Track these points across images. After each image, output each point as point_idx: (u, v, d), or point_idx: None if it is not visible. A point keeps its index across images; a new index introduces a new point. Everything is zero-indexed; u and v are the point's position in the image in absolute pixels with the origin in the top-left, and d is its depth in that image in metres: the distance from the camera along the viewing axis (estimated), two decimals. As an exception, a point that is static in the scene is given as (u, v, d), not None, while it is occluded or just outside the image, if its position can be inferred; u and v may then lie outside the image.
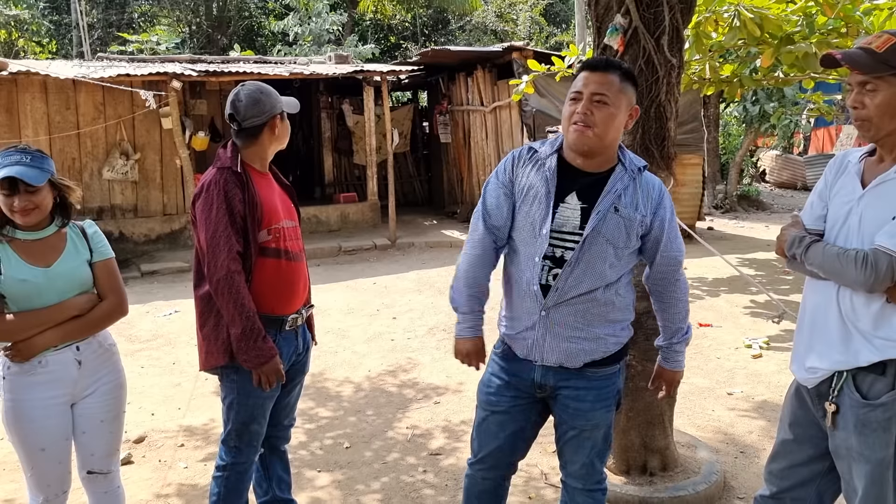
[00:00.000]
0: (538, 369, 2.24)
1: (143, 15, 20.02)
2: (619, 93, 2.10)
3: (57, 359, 2.34)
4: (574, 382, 2.22)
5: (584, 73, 2.14)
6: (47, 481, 2.40)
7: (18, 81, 8.99)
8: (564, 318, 2.16)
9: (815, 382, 1.98)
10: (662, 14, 2.80)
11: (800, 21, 4.70)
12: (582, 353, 2.19)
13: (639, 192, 2.16)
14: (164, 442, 3.97)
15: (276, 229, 2.49)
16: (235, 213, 2.37)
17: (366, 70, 10.62)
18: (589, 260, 2.13)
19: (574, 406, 2.23)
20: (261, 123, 2.49)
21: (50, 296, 2.32)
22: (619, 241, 2.14)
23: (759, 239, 10.42)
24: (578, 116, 2.09)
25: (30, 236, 2.33)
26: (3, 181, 2.22)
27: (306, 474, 3.52)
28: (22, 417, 2.32)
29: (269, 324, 2.46)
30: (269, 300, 2.48)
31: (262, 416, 2.57)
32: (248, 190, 2.41)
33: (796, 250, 1.98)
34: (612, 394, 2.28)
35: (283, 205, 2.58)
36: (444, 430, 4.01)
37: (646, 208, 2.16)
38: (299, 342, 2.61)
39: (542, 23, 23.78)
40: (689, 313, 2.39)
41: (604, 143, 2.13)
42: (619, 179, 2.16)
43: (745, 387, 4.58)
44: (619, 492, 3.14)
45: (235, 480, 2.60)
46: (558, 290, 2.15)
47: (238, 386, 2.49)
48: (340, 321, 6.41)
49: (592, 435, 2.27)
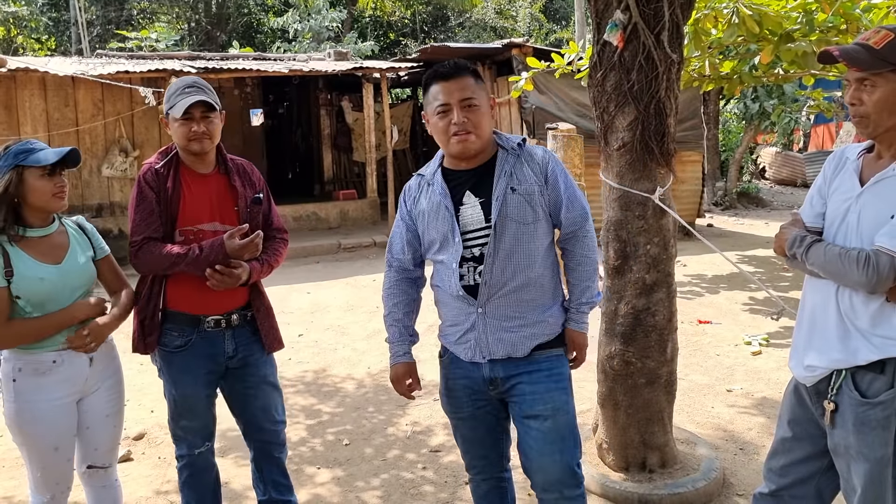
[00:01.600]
0: (486, 365, 2.25)
1: (142, 12, 19.98)
2: (478, 90, 2.17)
3: (71, 357, 2.35)
4: (524, 368, 2.21)
5: (439, 84, 2.16)
6: (56, 479, 2.41)
7: (17, 78, 8.97)
8: (501, 311, 2.18)
9: (813, 381, 1.98)
10: (662, 10, 2.79)
11: (799, 18, 4.69)
12: (526, 339, 2.19)
13: (525, 166, 2.19)
14: (163, 439, 3.97)
15: (189, 231, 2.50)
16: (146, 207, 2.46)
17: (365, 67, 10.60)
18: (506, 247, 2.16)
19: (530, 391, 2.20)
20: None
21: (63, 293, 2.33)
22: (527, 217, 2.16)
23: (758, 236, 10.43)
24: (456, 127, 2.12)
25: (38, 233, 2.34)
26: (45, 162, 2.26)
27: (306, 471, 3.52)
28: (35, 419, 2.31)
29: (185, 322, 2.52)
30: (181, 299, 2.53)
31: (190, 411, 2.59)
32: (163, 189, 2.46)
33: (797, 250, 1.98)
34: (564, 375, 2.25)
35: (219, 207, 2.54)
36: (445, 427, 4.00)
37: (538, 177, 2.19)
38: (227, 345, 2.57)
39: (542, 19, 23.77)
40: (598, 273, 2.32)
41: (484, 142, 2.19)
42: (504, 162, 2.20)
43: (744, 384, 4.58)
44: (619, 489, 3.14)
45: (184, 474, 2.68)
46: (487, 285, 2.17)
47: (164, 376, 2.61)
48: (340, 318, 6.41)
49: (556, 423, 2.18)
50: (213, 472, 2.75)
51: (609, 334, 3.24)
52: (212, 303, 2.53)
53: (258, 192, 2.63)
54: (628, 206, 3.09)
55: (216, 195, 2.55)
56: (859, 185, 1.94)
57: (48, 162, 2.26)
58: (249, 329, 2.62)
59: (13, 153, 2.28)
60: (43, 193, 2.28)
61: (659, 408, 3.23)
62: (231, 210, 2.56)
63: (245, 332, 2.61)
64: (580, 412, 4.10)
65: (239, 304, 2.60)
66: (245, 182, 2.61)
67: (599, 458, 3.38)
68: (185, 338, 2.54)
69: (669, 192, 3.12)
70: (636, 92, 2.92)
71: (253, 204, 2.59)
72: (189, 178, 2.53)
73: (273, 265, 2.62)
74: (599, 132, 3.13)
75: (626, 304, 3.16)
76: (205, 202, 2.53)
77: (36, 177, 2.26)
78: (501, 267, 2.16)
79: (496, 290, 2.17)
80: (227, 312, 2.56)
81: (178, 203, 2.49)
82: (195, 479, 2.67)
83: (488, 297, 2.18)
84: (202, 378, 2.57)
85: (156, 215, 2.47)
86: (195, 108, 2.43)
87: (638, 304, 3.15)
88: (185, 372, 2.56)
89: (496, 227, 2.15)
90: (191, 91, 2.43)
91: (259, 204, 2.61)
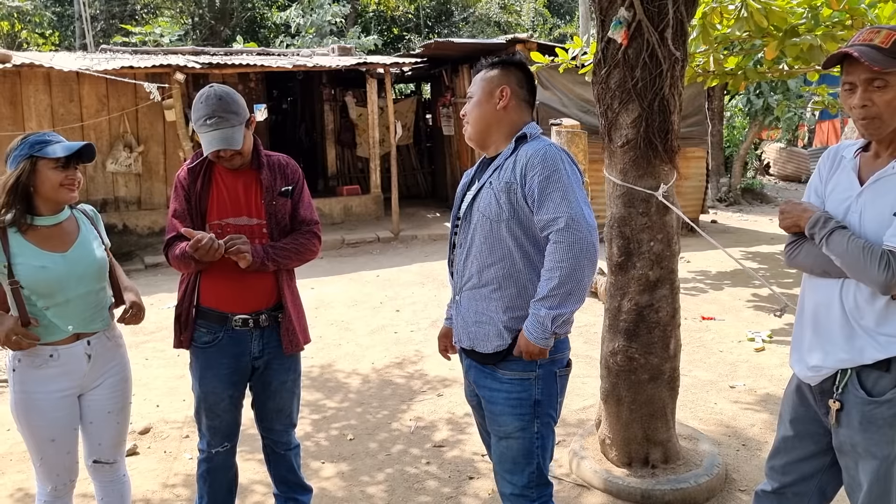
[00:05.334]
0: (466, 363, 2.30)
1: (145, 6, 19.98)
2: (479, 82, 2.22)
3: (69, 352, 2.37)
4: (489, 383, 2.19)
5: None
6: (56, 471, 2.43)
7: (22, 73, 8.99)
8: (469, 303, 2.20)
9: (818, 380, 1.97)
10: (666, 7, 2.79)
11: (805, 13, 4.69)
12: (488, 337, 2.14)
13: (515, 159, 2.13)
14: (169, 433, 4.00)
15: (217, 225, 2.53)
16: (178, 205, 2.56)
17: (369, 62, 10.59)
18: (470, 239, 2.17)
19: (489, 409, 2.21)
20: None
21: (69, 282, 2.34)
22: (492, 213, 2.10)
23: (762, 232, 10.42)
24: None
25: (48, 221, 2.37)
26: (62, 153, 2.30)
27: (311, 465, 3.54)
28: (32, 409, 2.34)
29: (214, 319, 2.56)
30: (211, 295, 2.57)
31: (211, 410, 2.61)
32: (193, 188, 2.54)
33: (818, 230, 1.91)
34: (524, 401, 2.13)
35: (247, 201, 2.58)
36: (448, 423, 4.03)
37: (517, 173, 2.08)
38: (254, 345, 2.59)
39: (546, 14, 23.70)
40: (563, 287, 1.99)
41: (477, 133, 2.23)
42: (502, 155, 2.19)
43: (747, 380, 4.60)
44: (622, 484, 3.16)
45: (202, 467, 2.71)
46: (458, 273, 2.23)
47: (192, 372, 2.66)
48: (344, 314, 6.43)
49: (509, 446, 2.16)
50: (231, 472, 2.76)
51: (612, 330, 3.25)
52: (240, 301, 2.56)
53: (289, 185, 2.65)
54: (632, 202, 3.10)
55: (245, 190, 2.58)
56: (858, 183, 1.93)
57: (61, 155, 2.29)
58: (278, 331, 2.63)
59: (29, 143, 2.31)
60: (54, 184, 2.31)
61: (662, 404, 3.24)
62: (260, 204, 2.59)
63: (273, 334, 2.62)
64: (583, 408, 4.15)
65: (268, 304, 2.60)
66: (277, 176, 2.62)
67: (602, 453, 3.40)
68: (212, 335, 2.56)
69: (673, 188, 3.13)
70: (640, 89, 2.92)
71: (279, 196, 2.60)
72: (222, 174, 2.59)
73: (291, 254, 2.59)
74: (603, 129, 3.14)
75: (630, 301, 3.17)
76: (234, 197, 2.57)
77: (49, 167, 2.30)
78: (466, 260, 2.19)
79: (465, 281, 2.21)
80: (256, 312, 2.57)
81: (207, 199, 2.55)
82: (211, 476, 2.69)
83: (461, 287, 2.23)
84: (225, 377, 2.59)
85: (185, 214, 2.54)
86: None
87: (641, 301, 3.16)
88: (209, 368, 2.58)
89: (466, 219, 2.20)
90: (212, 125, 2.41)
91: (285, 196, 2.62)
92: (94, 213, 2.59)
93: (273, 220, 2.58)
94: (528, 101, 2.25)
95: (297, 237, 2.64)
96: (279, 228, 2.61)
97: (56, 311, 2.34)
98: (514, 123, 2.20)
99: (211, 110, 2.40)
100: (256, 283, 2.57)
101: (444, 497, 3.23)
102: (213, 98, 2.42)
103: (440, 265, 8.36)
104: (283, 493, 2.86)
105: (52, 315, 2.33)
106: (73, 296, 2.36)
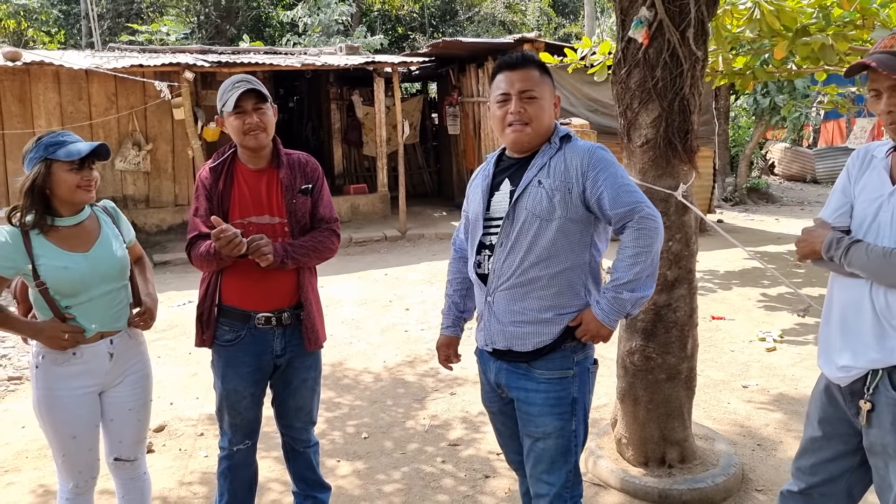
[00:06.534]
0: (493, 367, 2.26)
1: (151, 5, 20.00)
2: (541, 84, 2.15)
3: (92, 350, 2.38)
4: (523, 384, 2.17)
5: (503, 73, 2.16)
6: (78, 468, 2.44)
7: (31, 72, 9.01)
8: (506, 303, 2.15)
9: (848, 381, 1.97)
10: (688, 7, 2.80)
11: (815, 13, 4.69)
12: (529, 336, 2.13)
13: (564, 160, 2.12)
14: (183, 431, 4.01)
15: (240, 224, 2.53)
16: (200, 205, 2.58)
17: (377, 61, 10.59)
18: (516, 239, 2.12)
19: (525, 410, 2.18)
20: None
21: (92, 281, 2.35)
22: (544, 212, 2.08)
23: (769, 232, 10.41)
24: (513, 117, 2.13)
25: (69, 222, 2.37)
26: (76, 155, 2.29)
27: (327, 463, 3.55)
28: (54, 406, 2.35)
29: (236, 317, 2.57)
30: (233, 294, 2.58)
31: (233, 408, 2.62)
32: (215, 187, 2.56)
33: (834, 252, 1.94)
34: (563, 399, 2.14)
35: (269, 200, 2.59)
36: (463, 421, 4.03)
37: (572, 174, 2.09)
38: (276, 343, 2.60)
39: (551, 14, 23.68)
40: (645, 271, 2.05)
41: (541, 136, 2.17)
42: (544, 154, 2.16)
43: (759, 380, 4.59)
44: (638, 483, 3.16)
45: (222, 464, 2.71)
46: (495, 274, 2.16)
47: (214, 370, 2.66)
48: (354, 312, 6.44)
49: (546, 446, 2.15)
50: (252, 469, 2.77)
51: (630, 330, 3.26)
52: (262, 299, 2.57)
53: (309, 183, 2.66)
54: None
55: (267, 189, 2.59)
56: (890, 183, 1.94)
57: (74, 158, 2.29)
58: (300, 329, 2.64)
59: (43, 145, 2.30)
60: (70, 186, 2.31)
61: (679, 403, 3.24)
62: (281, 202, 2.60)
63: (295, 332, 2.63)
64: (597, 407, 4.15)
65: (289, 302, 2.61)
66: (298, 174, 2.63)
67: (618, 452, 3.40)
68: (235, 333, 2.57)
69: (692, 188, 3.13)
70: (660, 89, 2.93)
71: (299, 194, 2.61)
72: (244, 173, 2.60)
73: (310, 253, 2.60)
74: (622, 129, 3.14)
75: (648, 301, 3.17)
76: (256, 196, 2.58)
77: (64, 170, 2.29)
78: (508, 259, 2.14)
79: (503, 281, 2.15)
80: (278, 310, 2.58)
81: (229, 199, 2.56)
82: (232, 473, 2.70)
83: (496, 288, 2.17)
84: (247, 375, 2.60)
85: (207, 213, 2.54)
86: (246, 101, 2.48)
87: (659, 301, 3.16)
88: (231, 366, 2.59)
89: (509, 217, 2.14)
90: (240, 85, 2.48)
91: (305, 195, 2.63)
92: (114, 209, 2.58)
93: (294, 218, 2.59)
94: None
95: (316, 235, 2.64)
96: (300, 226, 2.62)
97: (79, 310, 2.35)
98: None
99: (240, 78, 2.53)
100: (279, 281, 2.57)
101: (462, 496, 3.23)
102: (239, 75, 2.55)
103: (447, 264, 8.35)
104: (302, 491, 2.87)
105: (76, 314, 2.34)
106: (96, 295, 2.37)
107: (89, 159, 2.34)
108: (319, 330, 2.68)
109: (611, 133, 10.09)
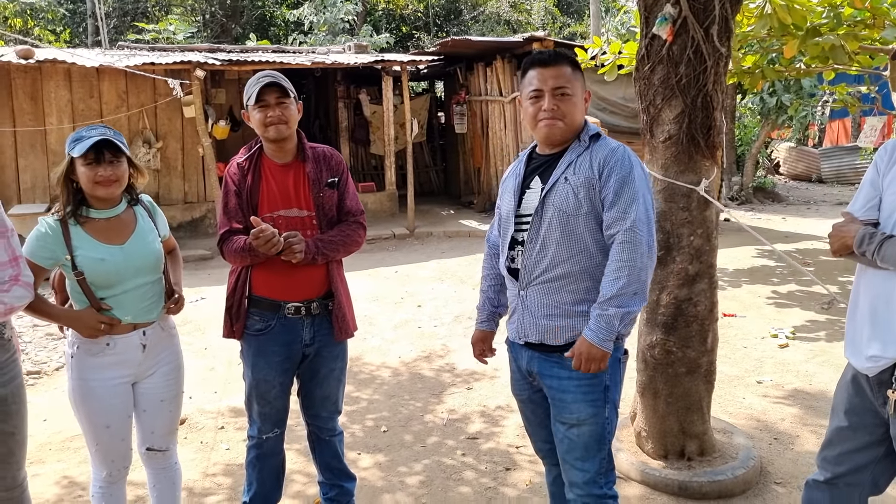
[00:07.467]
0: (524, 356, 2.30)
1: (157, 4, 20.05)
2: (574, 80, 2.19)
3: (125, 341, 2.42)
4: (556, 372, 2.21)
5: (535, 69, 2.19)
6: (111, 457, 2.48)
7: (43, 69, 9.06)
8: (538, 298, 2.20)
9: (876, 371, 2.00)
10: (712, 4, 2.83)
11: (825, 13, 4.71)
12: (562, 330, 2.17)
13: (591, 156, 2.16)
14: (204, 423, 4.05)
15: (269, 218, 2.56)
16: (230, 200, 2.62)
17: (386, 60, 10.63)
18: (545, 235, 2.17)
19: (559, 397, 2.21)
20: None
21: (127, 273, 2.39)
22: (570, 207, 2.13)
23: (775, 230, 10.43)
24: (546, 113, 2.17)
25: (103, 215, 2.41)
26: (88, 150, 2.30)
27: (348, 455, 3.56)
28: (89, 396, 2.40)
29: (266, 307, 2.60)
30: (264, 284, 2.62)
31: (262, 397, 2.66)
32: (243, 182, 2.60)
33: (867, 247, 1.97)
34: (596, 387, 2.17)
35: (297, 194, 2.63)
36: (482, 415, 4.07)
37: (595, 170, 2.13)
38: (305, 333, 2.64)
39: (556, 13, 23.70)
40: (631, 286, 2.04)
41: (573, 131, 2.21)
42: (573, 151, 2.20)
43: (773, 375, 4.62)
44: (658, 476, 3.19)
45: (251, 454, 2.75)
46: (526, 269, 2.22)
47: (244, 359, 2.70)
48: (366, 308, 6.47)
49: (580, 433, 2.18)
50: (280, 458, 2.81)
51: (650, 324, 3.29)
52: (292, 289, 2.60)
53: (335, 176, 2.69)
54: (672, 197, 3.13)
55: (294, 183, 2.63)
56: None
57: (77, 154, 2.30)
58: (328, 319, 2.68)
59: (70, 139, 2.36)
60: (87, 181, 2.34)
61: (698, 397, 3.28)
62: (309, 196, 2.63)
63: (324, 322, 2.67)
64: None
65: (319, 292, 2.65)
66: (323, 168, 2.66)
67: (638, 445, 3.44)
68: (265, 322, 2.61)
69: (714, 184, 3.16)
70: (683, 85, 2.96)
71: (325, 188, 2.65)
72: (270, 168, 2.63)
73: (339, 247, 2.64)
74: (645, 124, 3.17)
75: (669, 295, 3.21)
76: (283, 190, 2.61)
77: (81, 165, 2.33)
78: (539, 254, 2.19)
79: (534, 276, 2.20)
80: (308, 300, 2.62)
81: (258, 193, 2.60)
82: (260, 462, 2.74)
83: (527, 283, 2.23)
84: (277, 364, 2.63)
85: (237, 208, 2.59)
86: (269, 94, 2.52)
87: (680, 295, 3.20)
88: (261, 356, 2.63)
89: (538, 213, 2.19)
90: (264, 79, 2.53)
91: (332, 188, 2.66)
92: (150, 203, 2.62)
93: (321, 211, 2.63)
94: None
95: (344, 229, 2.68)
96: (327, 219, 2.65)
97: (114, 301, 2.39)
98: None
99: (266, 73, 2.58)
100: (309, 272, 2.61)
101: (484, 487, 3.27)
102: (266, 71, 2.61)
103: (457, 262, 8.41)
104: (328, 481, 2.90)
105: (111, 306, 2.38)
106: (131, 287, 2.41)
107: (105, 154, 2.33)
108: (350, 320, 2.72)
109: (619, 131, 10.14)
